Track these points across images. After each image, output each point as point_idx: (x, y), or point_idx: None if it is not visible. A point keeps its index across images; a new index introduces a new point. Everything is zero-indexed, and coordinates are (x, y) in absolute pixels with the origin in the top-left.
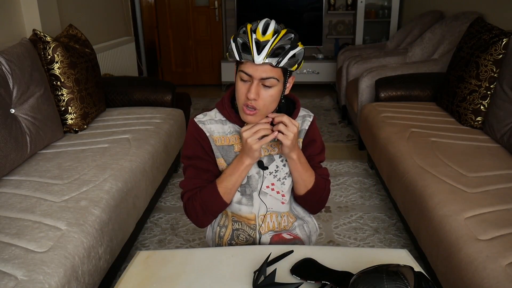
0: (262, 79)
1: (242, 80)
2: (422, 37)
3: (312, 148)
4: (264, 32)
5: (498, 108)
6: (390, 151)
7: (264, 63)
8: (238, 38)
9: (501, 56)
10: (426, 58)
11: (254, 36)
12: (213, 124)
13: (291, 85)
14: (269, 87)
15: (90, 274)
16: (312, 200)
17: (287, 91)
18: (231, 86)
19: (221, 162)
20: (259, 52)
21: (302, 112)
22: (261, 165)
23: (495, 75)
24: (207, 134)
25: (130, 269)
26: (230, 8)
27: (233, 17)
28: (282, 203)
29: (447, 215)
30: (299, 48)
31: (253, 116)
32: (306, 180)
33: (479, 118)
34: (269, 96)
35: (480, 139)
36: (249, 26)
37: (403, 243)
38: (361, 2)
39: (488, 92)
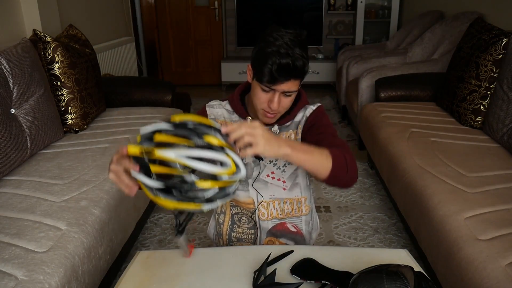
0: (284, 91)
1: (263, 91)
2: (422, 37)
3: (319, 128)
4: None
5: (498, 108)
6: (390, 151)
7: (286, 80)
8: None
9: (501, 56)
10: (426, 58)
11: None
12: (220, 109)
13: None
14: (290, 95)
15: (90, 274)
16: (341, 176)
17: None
18: (244, 82)
19: None
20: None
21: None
22: (257, 155)
23: (495, 75)
24: (212, 117)
25: (130, 269)
26: (230, 8)
27: (233, 17)
28: (284, 189)
29: (447, 215)
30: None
31: (273, 118)
32: (319, 162)
33: (479, 118)
34: (288, 101)
35: (480, 139)
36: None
37: (403, 243)
38: (361, 2)
39: (488, 92)
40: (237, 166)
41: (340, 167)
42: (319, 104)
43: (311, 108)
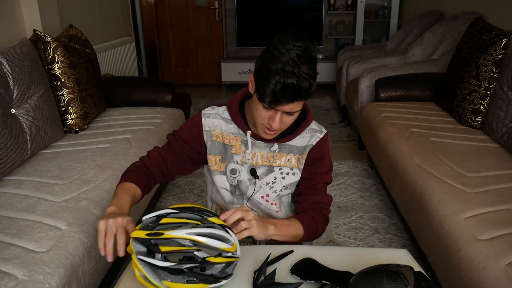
0: (286, 112)
1: (264, 108)
2: (422, 37)
3: (316, 166)
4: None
5: (497, 108)
6: (390, 151)
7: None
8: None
9: (500, 56)
10: (426, 58)
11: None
12: (217, 119)
13: None
14: (293, 114)
15: (91, 274)
16: (306, 241)
17: None
18: (244, 87)
19: (211, 160)
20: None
21: (314, 125)
22: (253, 173)
23: (495, 75)
24: (207, 129)
25: (130, 269)
26: (230, 8)
27: (233, 17)
28: (277, 211)
29: (447, 215)
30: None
31: (273, 134)
32: (293, 236)
33: (478, 118)
34: (291, 120)
35: (480, 139)
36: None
37: (403, 243)
38: (361, 2)
39: (488, 92)
40: (237, 244)
41: (307, 238)
42: (325, 131)
43: (317, 137)
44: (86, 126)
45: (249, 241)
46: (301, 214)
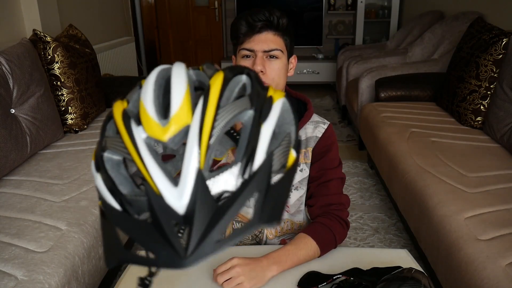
0: (266, 51)
1: (244, 57)
2: (422, 37)
3: (324, 160)
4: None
5: (498, 108)
6: (390, 151)
7: (265, 30)
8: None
9: (501, 56)
10: (426, 58)
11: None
12: None
13: (294, 65)
14: (275, 58)
15: (90, 274)
16: (326, 252)
17: (291, 72)
18: None
19: None
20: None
21: (316, 118)
22: None
23: (495, 75)
24: None
25: (130, 269)
26: (230, 8)
27: (233, 17)
28: (287, 211)
29: (447, 215)
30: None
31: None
32: (307, 258)
33: (479, 118)
34: (276, 69)
35: (480, 139)
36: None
37: (403, 243)
38: (361, 2)
39: (488, 92)
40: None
41: (326, 250)
42: (328, 123)
43: (322, 128)
44: (86, 126)
45: (253, 237)
46: (311, 225)
